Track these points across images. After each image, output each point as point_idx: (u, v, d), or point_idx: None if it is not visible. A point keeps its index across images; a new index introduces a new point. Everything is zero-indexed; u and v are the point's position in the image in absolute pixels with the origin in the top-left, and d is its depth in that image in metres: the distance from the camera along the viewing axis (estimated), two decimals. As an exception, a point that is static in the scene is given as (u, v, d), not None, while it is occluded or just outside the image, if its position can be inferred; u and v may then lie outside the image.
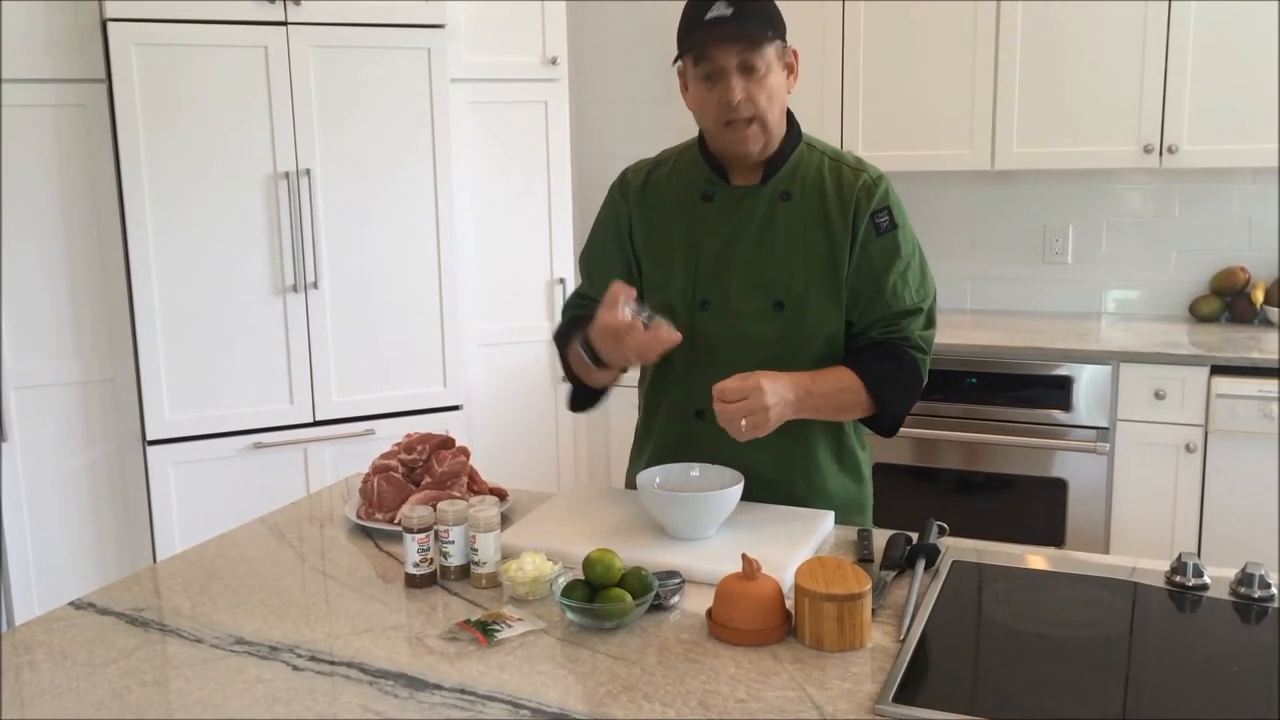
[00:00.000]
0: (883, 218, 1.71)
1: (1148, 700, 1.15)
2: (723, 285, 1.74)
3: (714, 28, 1.60)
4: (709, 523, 1.57)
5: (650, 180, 1.82)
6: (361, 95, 3.14)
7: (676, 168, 1.81)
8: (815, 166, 1.74)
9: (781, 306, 1.71)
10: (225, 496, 3.11)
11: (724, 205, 1.74)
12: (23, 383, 2.98)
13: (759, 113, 1.64)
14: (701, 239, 1.75)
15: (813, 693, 1.18)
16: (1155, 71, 3.16)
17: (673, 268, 1.77)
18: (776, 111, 1.67)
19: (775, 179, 1.73)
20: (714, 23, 1.60)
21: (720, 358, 1.73)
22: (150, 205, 2.96)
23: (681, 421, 1.79)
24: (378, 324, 3.24)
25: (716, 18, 1.59)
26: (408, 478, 1.78)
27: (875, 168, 1.76)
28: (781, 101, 1.69)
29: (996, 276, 3.77)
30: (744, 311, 1.73)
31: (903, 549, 1.54)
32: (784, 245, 1.71)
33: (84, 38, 2.92)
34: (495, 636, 1.31)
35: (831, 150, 1.78)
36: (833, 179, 1.73)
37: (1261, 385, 2.87)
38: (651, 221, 1.80)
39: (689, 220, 1.76)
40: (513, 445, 3.56)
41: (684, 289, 1.76)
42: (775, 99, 1.66)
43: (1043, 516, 3.16)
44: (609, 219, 1.86)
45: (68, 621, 1.41)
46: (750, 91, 1.63)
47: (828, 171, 1.73)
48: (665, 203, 1.79)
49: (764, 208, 1.72)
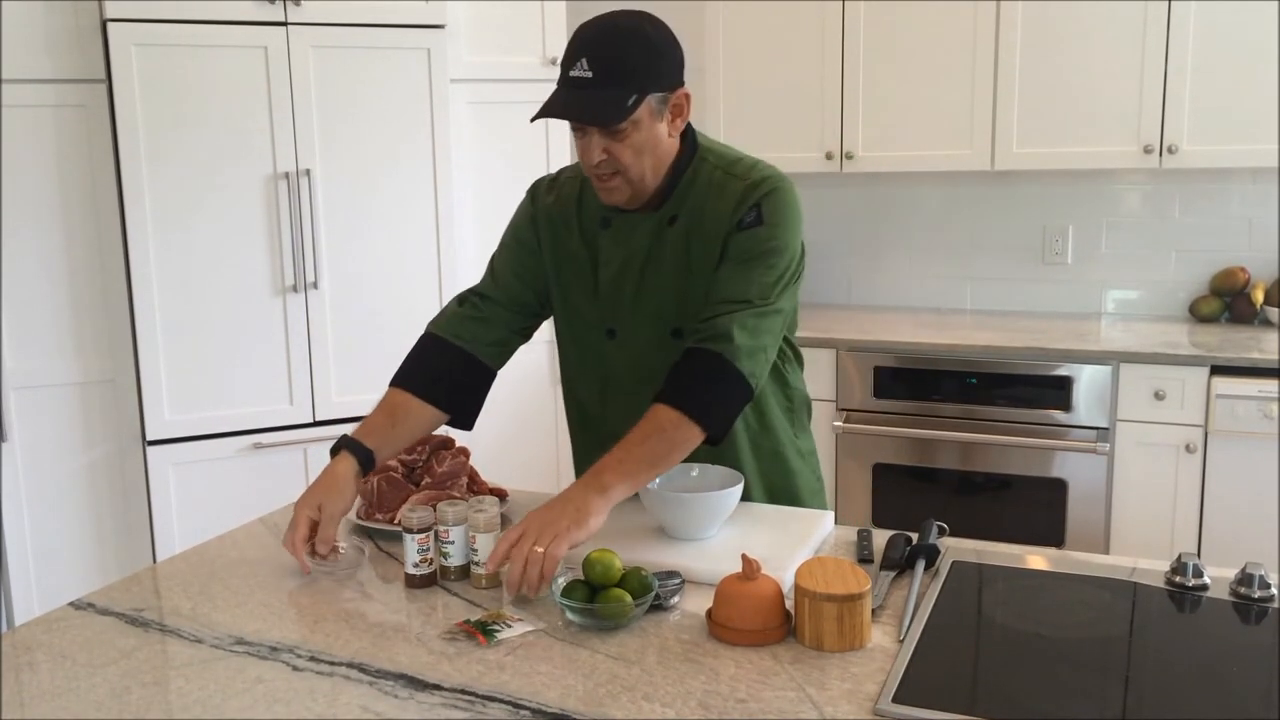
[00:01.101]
0: (750, 215, 1.59)
1: (1148, 700, 1.15)
2: (623, 315, 1.69)
3: (575, 90, 1.51)
4: (709, 523, 1.57)
5: (560, 200, 1.75)
6: (361, 95, 3.14)
7: (586, 187, 1.72)
8: (705, 182, 1.64)
9: (679, 334, 1.65)
10: (225, 496, 3.11)
11: (618, 233, 1.68)
12: (23, 383, 2.98)
13: (623, 169, 1.56)
14: (601, 267, 1.70)
15: (813, 693, 1.18)
16: (1155, 71, 3.16)
17: (579, 294, 1.73)
18: (646, 164, 1.58)
19: (666, 204, 1.65)
20: (575, 84, 1.51)
21: (629, 388, 1.70)
22: (150, 205, 2.96)
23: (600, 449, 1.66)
24: (378, 324, 3.24)
25: (579, 78, 1.51)
26: (408, 478, 1.78)
27: (770, 171, 1.64)
28: (655, 151, 1.58)
29: (996, 276, 3.77)
30: (646, 342, 1.68)
31: (903, 549, 1.54)
32: (669, 272, 1.65)
33: (84, 38, 2.92)
34: (495, 636, 1.31)
35: (726, 160, 1.66)
36: (715, 192, 1.63)
37: (1261, 385, 2.87)
38: (559, 246, 1.74)
39: (593, 245, 1.71)
40: (513, 445, 3.56)
41: (591, 317, 1.72)
42: (645, 153, 1.57)
43: (1042, 517, 3.17)
44: (520, 225, 1.79)
45: (68, 622, 1.41)
46: (612, 150, 1.55)
47: (715, 185, 1.63)
48: (573, 224, 1.73)
49: (651, 235, 1.65)
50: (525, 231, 1.78)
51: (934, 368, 3.23)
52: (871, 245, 3.92)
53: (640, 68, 1.52)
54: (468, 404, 1.76)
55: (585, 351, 1.76)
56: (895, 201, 3.86)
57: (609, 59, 1.50)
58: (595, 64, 1.50)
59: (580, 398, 1.81)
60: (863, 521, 3.34)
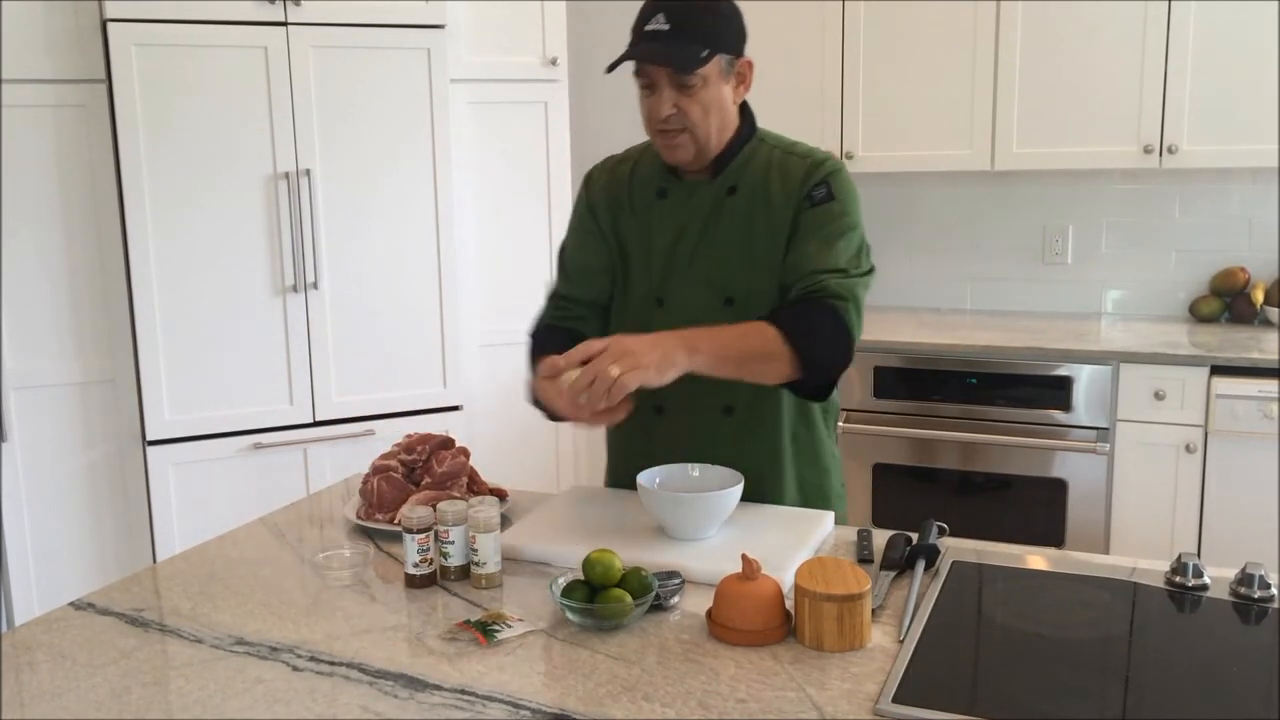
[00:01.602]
0: (819, 190, 1.67)
1: (1148, 701, 1.15)
2: (675, 283, 1.74)
3: (650, 43, 1.61)
4: (709, 523, 1.57)
5: (614, 178, 1.83)
6: (361, 95, 3.14)
7: (639, 165, 1.82)
8: (765, 159, 1.73)
9: (731, 302, 1.71)
10: (225, 496, 3.11)
11: (675, 201, 1.75)
12: (23, 383, 2.98)
13: (690, 125, 1.65)
14: (656, 236, 1.76)
15: (813, 693, 1.18)
16: (1155, 71, 3.16)
17: (633, 265, 1.79)
18: (713, 123, 1.66)
19: (724, 174, 1.73)
20: (652, 36, 1.60)
21: None
22: (150, 205, 2.96)
23: (641, 416, 1.76)
24: (378, 324, 3.24)
25: (655, 30, 1.60)
26: (408, 478, 1.78)
27: (828, 155, 1.73)
28: (721, 112, 1.67)
29: (996, 277, 3.77)
30: (696, 309, 1.72)
31: (903, 549, 1.54)
32: (729, 240, 1.71)
33: (84, 38, 2.92)
34: (495, 637, 1.31)
35: (785, 143, 1.76)
36: (779, 170, 1.71)
37: (1261, 385, 2.87)
38: (615, 220, 1.81)
39: (647, 217, 1.77)
40: (513, 445, 3.56)
41: (642, 287, 1.77)
42: (711, 111, 1.65)
43: (1042, 517, 3.17)
44: (584, 217, 1.86)
45: (67, 622, 1.41)
46: (682, 105, 1.63)
47: (776, 164, 1.72)
48: (626, 201, 1.80)
49: (710, 203, 1.72)
50: (586, 220, 1.84)
51: (934, 368, 3.23)
52: (872, 245, 3.91)
53: (712, 26, 1.61)
54: None
55: (632, 322, 1.78)
56: (895, 201, 3.86)
57: (684, 14, 1.59)
58: (672, 17, 1.59)
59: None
60: (863, 521, 3.34)
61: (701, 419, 1.76)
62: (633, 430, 1.81)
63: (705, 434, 1.75)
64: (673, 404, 1.76)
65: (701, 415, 1.76)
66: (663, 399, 1.75)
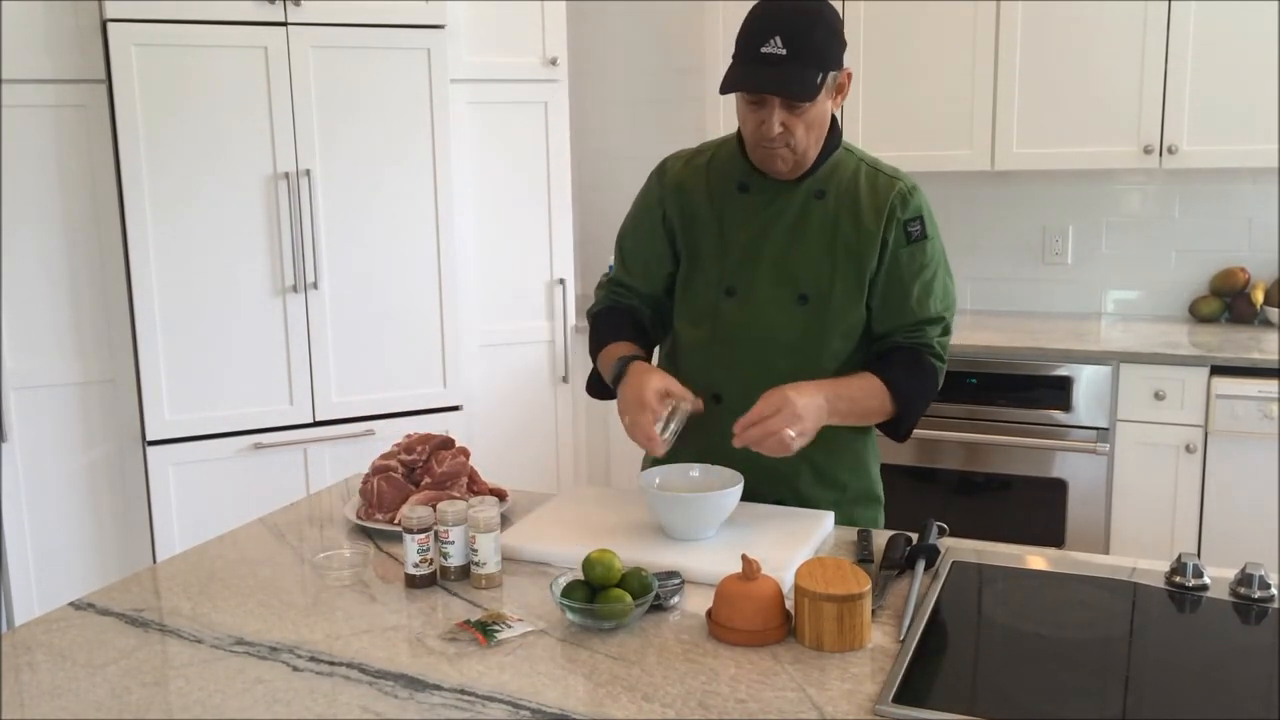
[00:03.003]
0: (915, 226, 1.73)
1: (1148, 701, 1.15)
2: (749, 275, 1.76)
3: (767, 67, 1.58)
4: (708, 523, 1.57)
5: (690, 168, 1.84)
6: (361, 95, 3.14)
7: (716, 158, 1.83)
8: (852, 170, 1.76)
9: (805, 300, 1.74)
10: (225, 496, 3.11)
11: (758, 198, 1.76)
12: (23, 383, 2.98)
13: (793, 142, 1.66)
14: (733, 228, 1.77)
15: (813, 693, 1.18)
16: (1155, 71, 3.16)
17: (703, 253, 1.80)
18: (814, 138, 1.68)
19: (811, 178, 1.74)
20: (767, 61, 1.58)
21: (741, 345, 1.77)
22: (150, 205, 2.96)
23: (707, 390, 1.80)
24: (378, 324, 3.24)
25: (771, 54, 1.57)
26: (408, 478, 1.78)
27: (910, 178, 1.78)
28: (823, 126, 1.69)
29: (996, 277, 3.77)
30: (768, 302, 1.75)
31: (903, 549, 1.54)
32: (814, 242, 1.73)
33: (84, 38, 2.92)
34: (495, 637, 1.31)
35: (870, 158, 1.80)
36: (868, 183, 1.75)
37: (1261, 386, 2.87)
38: (687, 208, 1.82)
39: (723, 209, 1.78)
40: (513, 445, 3.56)
41: (712, 275, 1.79)
42: (814, 127, 1.66)
43: (1042, 517, 3.16)
44: (647, 205, 1.88)
45: (67, 622, 1.41)
46: (789, 124, 1.63)
47: (863, 175, 1.76)
48: (702, 191, 1.81)
49: (797, 204, 1.74)
50: (653, 212, 1.86)
51: (934, 368, 3.22)
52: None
53: (825, 47, 1.61)
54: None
55: (699, 307, 1.81)
56: (895, 201, 3.85)
57: (801, 37, 1.58)
58: (789, 42, 1.58)
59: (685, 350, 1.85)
60: (863, 521, 3.33)
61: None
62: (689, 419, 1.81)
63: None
64: (732, 392, 1.76)
65: None
66: (722, 387, 1.77)
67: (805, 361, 1.74)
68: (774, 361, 1.75)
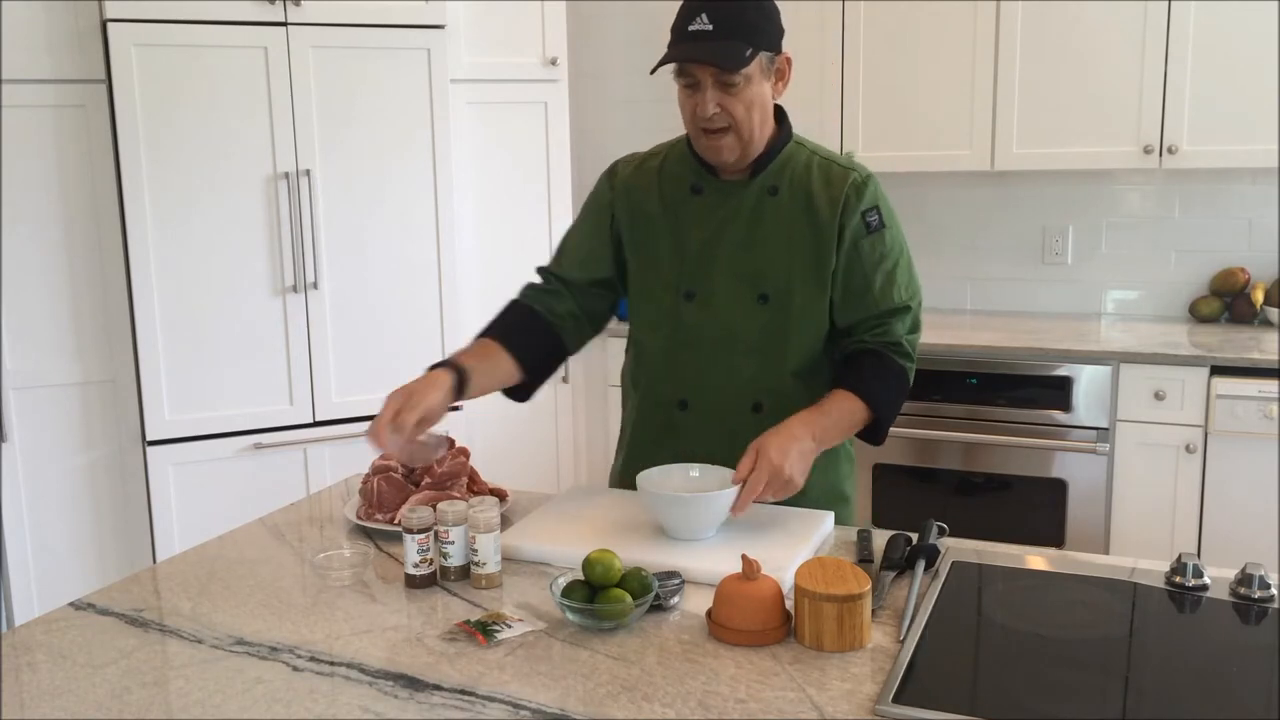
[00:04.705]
0: (873, 216, 1.72)
1: (1148, 701, 1.15)
2: (708, 277, 1.75)
3: (693, 43, 1.60)
4: (707, 524, 1.57)
5: (641, 171, 1.83)
6: (361, 95, 3.14)
7: (667, 160, 1.82)
8: (804, 163, 1.75)
9: (766, 299, 1.73)
10: (225, 497, 3.11)
11: (712, 198, 1.75)
12: (23, 383, 2.98)
13: (734, 124, 1.65)
14: (688, 231, 1.76)
15: (812, 693, 1.18)
16: (1155, 71, 3.16)
17: (659, 257, 1.78)
18: (756, 121, 1.67)
19: (763, 174, 1.74)
20: (694, 36, 1.60)
21: (702, 349, 1.76)
22: (150, 205, 2.96)
23: (663, 411, 1.81)
24: (378, 324, 3.24)
25: (698, 30, 1.59)
26: (407, 478, 1.78)
27: (864, 167, 1.77)
28: (764, 109, 1.68)
29: (996, 277, 3.77)
30: (729, 304, 1.74)
31: (903, 549, 1.53)
32: (770, 239, 1.73)
33: (84, 38, 2.92)
34: (495, 636, 1.31)
35: (823, 150, 1.79)
36: (821, 174, 1.74)
37: (1261, 386, 2.87)
38: (639, 212, 1.80)
39: (677, 212, 1.77)
40: (513, 445, 3.56)
41: (669, 280, 1.78)
42: (754, 109, 1.65)
43: (1043, 517, 3.16)
44: (596, 206, 1.87)
45: (67, 622, 1.41)
46: (725, 104, 1.63)
47: (816, 168, 1.74)
48: (654, 195, 1.80)
49: (751, 202, 1.73)
50: (600, 214, 1.85)
51: (934, 368, 3.23)
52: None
53: (754, 24, 1.61)
54: (540, 372, 1.83)
55: (658, 312, 1.80)
56: (895, 201, 3.81)
57: (727, 12, 1.59)
58: (714, 16, 1.59)
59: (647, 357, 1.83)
60: (863, 521, 3.33)
61: (729, 416, 1.76)
62: (654, 425, 1.82)
63: (732, 431, 1.72)
64: (699, 400, 1.77)
65: (729, 412, 1.76)
66: (688, 393, 1.77)
67: (768, 361, 1.74)
68: (737, 363, 1.74)
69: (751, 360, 1.74)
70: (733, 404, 1.76)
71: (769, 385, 1.75)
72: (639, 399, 1.87)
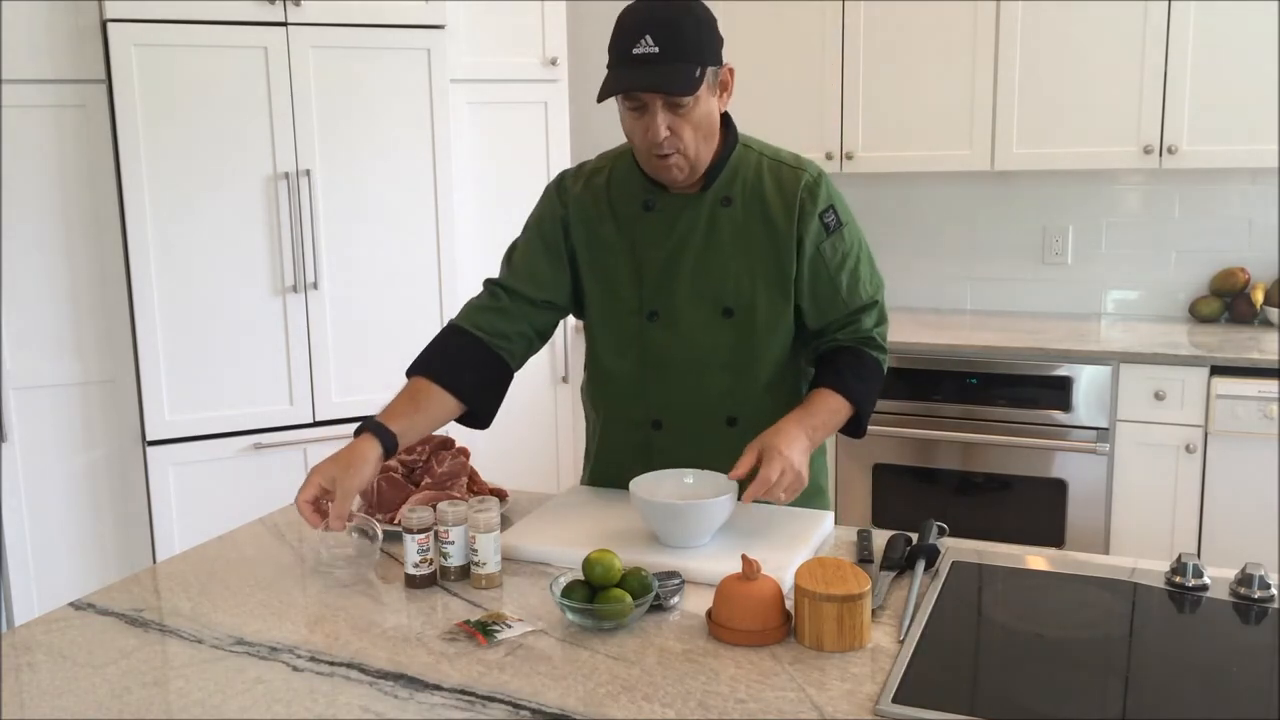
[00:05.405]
0: (829, 216, 1.70)
1: (1148, 701, 1.15)
2: (670, 296, 1.71)
3: (641, 67, 1.53)
4: (701, 531, 1.54)
5: (590, 189, 1.76)
6: (361, 95, 3.14)
7: (614, 175, 1.75)
8: (754, 167, 1.71)
9: (731, 313, 1.70)
10: (225, 496, 3.11)
11: (666, 214, 1.71)
12: (23, 383, 2.98)
13: (683, 147, 1.60)
14: (645, 251, 1.72)
15: (812, 693, 1.18)
16: (1155, 71, 3.16)
17: (618, 280, 1.74)
18: (704, 139, 1.62)
19: (715, 185, 1.69)
20: (641, 60, 1.53)
21: (671, 369, 1.73)
22: (150, 205, 2.96)
23: (636, 431, 1.78)
24: (378, 324, 3.24)
25: (644, 54, 1.52)
26: (408, 478, 1.78)
27: (813, 164, 1.74)
28: (711, 126, 1.63)
29: (996, 277, 3.77)
30: (693, 321, 1.71)
31: (903, 550, 1.54)
32: (728, 252, 1.69)
33: (84, 38, 2.91)
34: (495, 637, 1.31)
35: (769, 150, 1.75)
36: (772, 178, 1.70)
37: (1261, 386, 2.87)
38: (594, 236, 1.75)
39: (632, 232, 1.72)
40: (513, 445, 3.55)
41: (631, 303, 1.73)
42: (702, 128, 1.60)
43: (1042, 517, 3.16)
44: (545, 222, 1.79)
45: (67, 622, 1.41)
46: (674, 126, 1.57)
47: (767, 171, 1.71)
48: (606, 215, 1.74)
49: (705, 215, 1.69)
50: (550, 227, 1.78)
51: (934, 368, 3.23)
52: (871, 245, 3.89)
53: (698, 41, 1.56)
54: (487, 398, 1.75)
55: (621, 336, 1.76)
56: (895, 201, 3.85)
57: (671, 33, 1.53)
58: (659, 39, 1.52)
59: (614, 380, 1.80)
60: (863, 522, 3.34)
61: (703, 431, 1.74)
62: (628, 445, 1.80)
63: (707, 446, 1.71)
64: (671, 418, 1.75)
65: (704, 428, 1.74)
66: (660, 413, 1.75)
67: (739, 375, 1.72)
68: (707, 380, 1.72)
69: (724, 376, 1.72)
70: (707, 420, 1.74)
71: (742, 398, 1.73)
72: (603, 420, 1.85)
